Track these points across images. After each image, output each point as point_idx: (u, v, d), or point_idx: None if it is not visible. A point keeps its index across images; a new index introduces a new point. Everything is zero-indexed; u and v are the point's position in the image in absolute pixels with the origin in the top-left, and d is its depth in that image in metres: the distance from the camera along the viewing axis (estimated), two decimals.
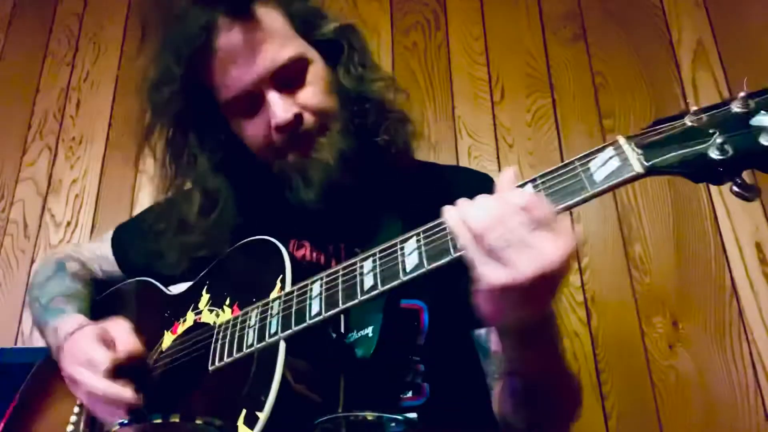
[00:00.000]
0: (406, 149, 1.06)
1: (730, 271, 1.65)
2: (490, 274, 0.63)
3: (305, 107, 0.96)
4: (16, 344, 1.87)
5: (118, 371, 0.91)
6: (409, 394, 0.91)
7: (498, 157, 1.91)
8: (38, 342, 1.08)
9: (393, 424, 0.73)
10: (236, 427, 0.75)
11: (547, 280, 0.63)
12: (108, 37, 2.33)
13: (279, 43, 0.96)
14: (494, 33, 2.09)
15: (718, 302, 1.63)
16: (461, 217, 0.66)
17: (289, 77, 0.96)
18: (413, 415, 0.77)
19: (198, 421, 0.77)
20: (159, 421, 0.77)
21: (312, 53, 1.00)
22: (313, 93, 0.98)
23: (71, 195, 2.11)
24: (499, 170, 1.88)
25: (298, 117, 0.95)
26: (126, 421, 0.80)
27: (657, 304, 1.66)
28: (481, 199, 0.67)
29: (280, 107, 0.94)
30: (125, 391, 0.89)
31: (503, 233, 0.63)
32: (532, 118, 1.94)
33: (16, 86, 2.29)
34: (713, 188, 1.73)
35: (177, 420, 0.78)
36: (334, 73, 1.02)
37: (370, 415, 0.74)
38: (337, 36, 1.04)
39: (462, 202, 0.68)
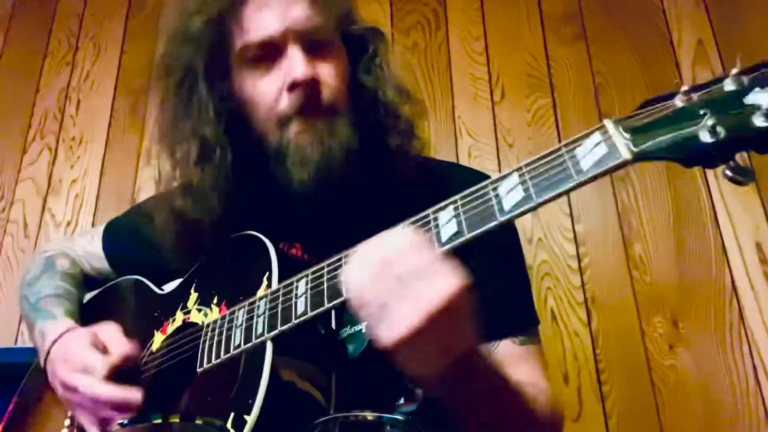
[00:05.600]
0: (408, 159, 1.03)
1: (730, 271, 1.65)
2: (380, 335, 0.64)
3: (322, 81, 0.94)
4: (16, 344, 1.87)
5: (114, 375, 0.90)
6: (402, 401, 0.90)
7: (498, 157, 1.91)
8: None
9: (390, 426, 0.72)
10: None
11: (434, 326, 0.62)
12: (108, 37, 2.33)
13: (317, 9, 0.94)
14: (494, 33, 2.09)
15: (718, 302, 1.63)
16: (347, 284, 0.67)
17: (316, 45, 0.94)
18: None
19: (198, 421, 0.76)
20: (159, 421, 0.77)
21: (339, 42, 0.99)
22: (332, 71, 0.95)
23: (71, 195, 2.11)
24: (500, 170, 1.88)
25: (314, 83, 0.92)
26: (126, 422, 0.80)
27: (657, 304, 1.66)
28: (360, 254, 0.67)
29: (301, 62, 0.91)
30: (132, 393, 0.88)
31: (378, 291, 0.63)
32: (532, 118, 1.94)
33: (16, 86, 2.29)
34: (713, 187, 1.73)
35: (177, 420, 0.77)
36: (355, 69, 1.00)
37: (369, 415, 0.73)
38: (365, 36, 1.03)
39: (349, 267, 0.68)
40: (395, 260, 0.64)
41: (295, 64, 0.91)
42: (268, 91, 0.94)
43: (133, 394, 0.88)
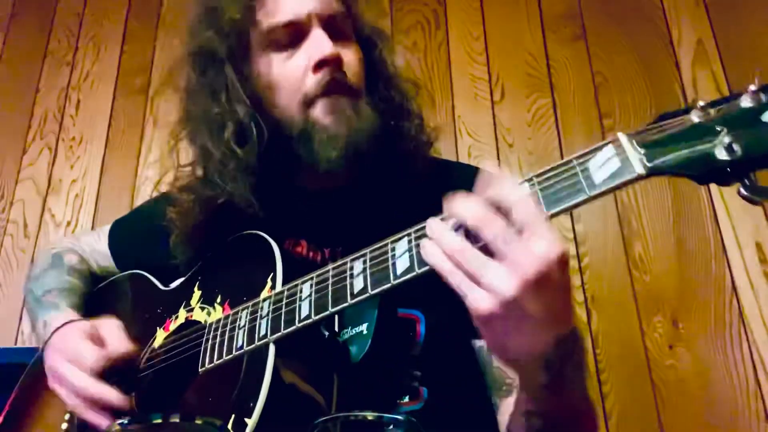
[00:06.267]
0: (422, 151, 1.05)
1: (730, 271, 1.65)
2: (474, 302, 0.59)
3: (346, 63, 0.95)
4: (16, 344, 1.87)
5: (108, 372, 0.90)
6: (406, 399, 0.89)
7: (498, 157, 1.91)
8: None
9: (391, 426, 0.72)
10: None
11: (535, 296, 0.57)
12: (108, 37, 2.32)
13: None
14: (494, 33, 2.09)
15: (718, 302, 1.63)
16: (439, 244, 0.62)
17: (336, 30, 0.96)
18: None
19: (198, 421, 0.77)
20: (159, 421, 0.77)
21: (352, 33, 1.01)
22: (353, 57, 0.98)
23: (71, 195, 2.11)
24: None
25: (340, 61, 0.93)
26: (126, 422, 0.80)
27: (657, 304, 1.66)
28: (458, 206, 0.62)
29: (326, 41, 0.93)
30: (110, 393, 0.87)
31: (475, 254, 0.59)
32: (532, 117, 1.94)
33: (16, 86, 2.29)
34: (714, 188, 1.73)
35: (177, 420, 0.77)
36: (367, 62, 1.02)
37: (370, 415, 0.73)
38: (372, 35, 1.05)
39: (434, 224, 0.64)
40: (497, 211, 0.60)
41: (321, 43, 0.93)
42: (293, 72, 0.95)
43: (112, 394, 0.87)
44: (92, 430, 0.95)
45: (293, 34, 0.95)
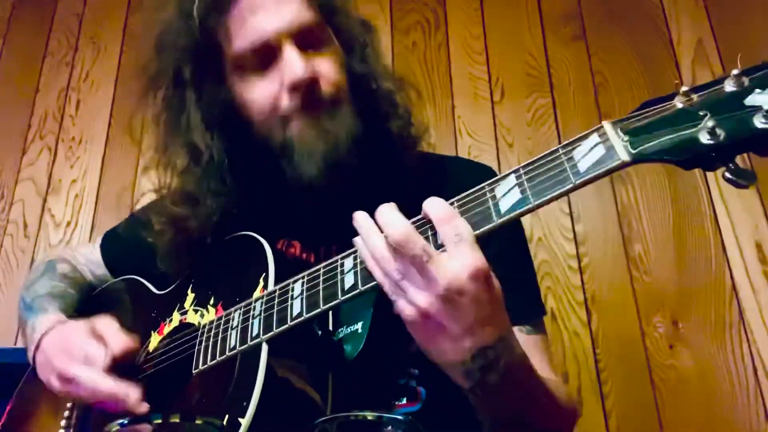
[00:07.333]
0: (411, 146, 1.03)
1: (730, 271, 1.65)
2: (399, 308, 0.65)
3: (321, 76, 0.93)
4: (16, 344, 1.87)
5: (113, 368, 0.89)
6: (404, 401, 0.88)
7: (498, 157, 1.91)
8: None
9: (390, 426, 0.72)
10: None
11: (448, 310, 0.62)
12: (108, 37, 2.33)
13: (305, 5, 0.94)
14: (494, 33, 2.09)
15: (718, 302, 1.63)
16: (368, 250, 0.67)
17: (310, 41, 0.93)
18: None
19: (198, 421, 0.76)
20: (159, 421, 0.77)
21: (332, 34, 0.98)
22: (330, 64, 0.95)
23: (71, 195, 2.11)
24: (499, 169, 1.87)
25: (313, 80, 0.91)
26: (126, 422, 0.80)
27: (657, 304, 1.66)
28: (384, 220, 0.66)
29: (298, 62, 0.89)
30: (133, 389, 0.86)
31: (396, 264, 0.64)
32: (532, 117, 1.94)
33: (16, 86, 2.29)
34: (713, 187, 1.73)
35: (177, 420, 0.77)
36: (349, 59, 1.00)
37: (370, 415, 0.73)
38: (356, 29, 1.03)
39: (366, 228, 0.68)
40: (413, 236, 0.64)
41: (293, 64, 0.90)
42: (267, 93, 0.93)
43: (133, 391, 0.86)
44: (91, 429, 0.96)
45: (264, 56, 0.92)
